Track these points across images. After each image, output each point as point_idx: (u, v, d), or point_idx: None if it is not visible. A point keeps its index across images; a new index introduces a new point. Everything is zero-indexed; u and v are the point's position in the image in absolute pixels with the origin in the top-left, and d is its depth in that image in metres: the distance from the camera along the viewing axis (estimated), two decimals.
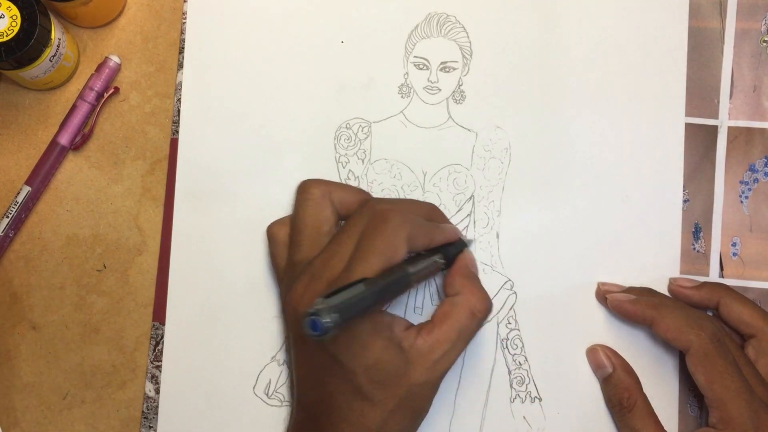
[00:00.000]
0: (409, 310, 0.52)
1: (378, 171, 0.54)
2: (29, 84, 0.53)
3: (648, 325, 0.50)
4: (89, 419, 0.52)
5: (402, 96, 0.54)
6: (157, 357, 0.53)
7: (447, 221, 0.51)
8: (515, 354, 0.53)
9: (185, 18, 0.55)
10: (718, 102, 0.55)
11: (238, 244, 0.53)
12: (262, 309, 0.53)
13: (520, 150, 0.54)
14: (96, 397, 0.53)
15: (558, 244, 0.53)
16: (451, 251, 0.49)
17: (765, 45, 0.55)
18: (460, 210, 0.54)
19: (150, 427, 0.52)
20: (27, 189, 0.53)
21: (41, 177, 0.53)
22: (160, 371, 0.52)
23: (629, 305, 0.50)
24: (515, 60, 0.55)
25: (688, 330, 0.48)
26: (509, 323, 0.53)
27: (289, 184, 0.53)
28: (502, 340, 0.53)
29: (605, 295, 0.52)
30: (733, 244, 0.54)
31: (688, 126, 0.55)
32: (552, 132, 0.54)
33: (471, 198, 0.54)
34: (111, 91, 0.54)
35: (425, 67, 0.55)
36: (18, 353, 0.53)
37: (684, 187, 0.54)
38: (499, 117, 0.54)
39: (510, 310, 0.53)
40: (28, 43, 0.48)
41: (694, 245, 0.54)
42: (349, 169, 0.54)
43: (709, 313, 0.52)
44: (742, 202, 0.54)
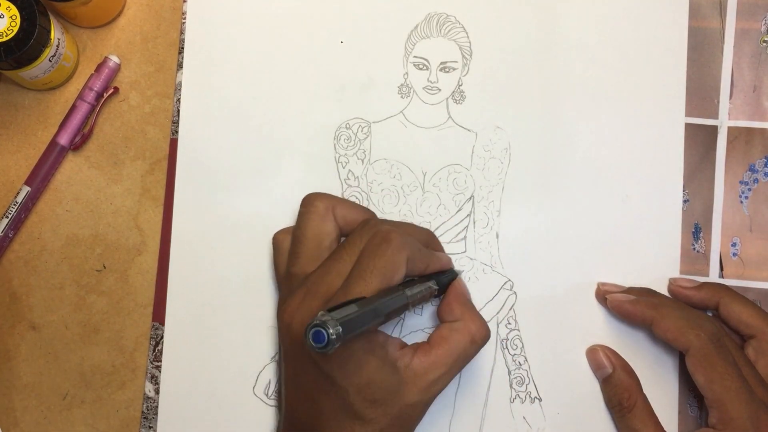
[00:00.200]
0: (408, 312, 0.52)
1: (378, 171, 0.54)
2: (29, 84, 0.53)
3: (648, 326, 0.50)
4: (89, 419, 0.52)
5: (402, 96, 0.54)
6: (157, 357, 0.53)
7: (442, 249, 0.51)
8: (515, 354, 0.53)
9: (185, 18, 0.55)
10: (718, 102, 0.55)
11: (237, 243, 0.53)
12: (261, 309, 0.53)
13: (520, 150, 0.54)
14: (96, 398, 0.53)
15: (558, 244, 0.53)
16: (444, 279, 0.49)
17: (765, 45, 0.55)
18: (460, 210, 0.54)
19: (150, 427, 0.52)
20: (27, 189, 0.53)
21: (41, 177, 0.53)
22: (160, 371, 0.52)
23: (629, 305, 0.50)
24: (515, 60, 0.55)
25: (687, 330, 0.48)
26: (509, 323, 0.53)
27: (289, 184, 0.53)
28: (502, 340, 0.53)
29: (605, 295, 0.52)
30: (733, 244, 0.54)
31: (688, 126, 0.55)
32: (552, 132, 0.54)
33: (471, 198, 0.54)
34: (111, 91, 0.54)
35: (425, 67, 0.54)
36: (18, 353, 0.53)
37: (684, 187, 0.54)
38: (499, 117, 0.54)
39: (510, 310, 0.53)
40: (27, 43, 0.48)
41: (694, 245, 0.54)
42: (349, 169, 0.54)
43: (709, 314, 0.52)
44: (742, 202, 0.54)
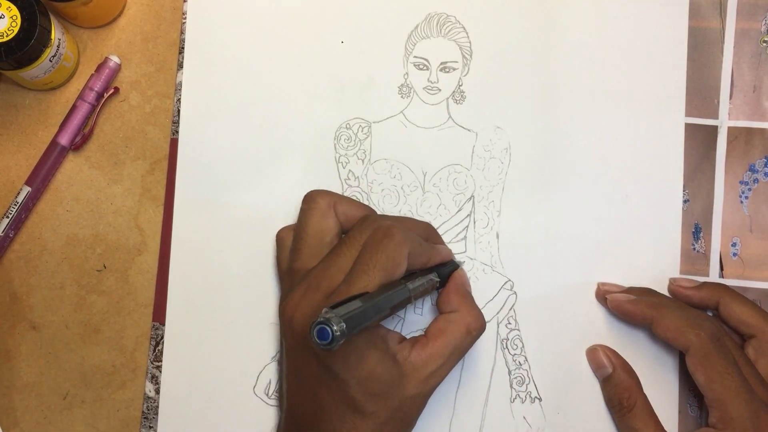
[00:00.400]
0: (409, 310, 0.52)
1: (378, 171, 0.54)
2: (29, 84, 0.53)
3: (648, 325, 0.50)
4: (89, 419, 0.52)
5: (402, 96, 0.54)
6: (157, 357, 0.53)
7: (442, 242, 0.52)
8: (515, 354, 0.53)
9: (185, 18, 0.55)
10: (718, 102, 0.55)
11: (237, 243, 0.53)
12: (262, 309, 0.53)
13: (520, 150, 0.54)
14: (96, 397, 0.53)
15: (558, 244, 0.53)
16: (445, 271, 0.49)
17: (765, 45, 0.55)
18: (460, 210, 0.54)
19: (150, 427, 0.52)
20: (27, 189, 0.53)
21: (41, 177, 0.53)
22: (160, 371, 0.52)
23: (629, 305, 0.50)
24: (515, 60, 0.55)
25: (687, 330, 0.48)
26: (509, 323, 0.53)
27: (289, 184, 0.53)
28: (502, 340, 0.53)
29: (605, 295, 0.52)
30: (733, 244, 0.54)
31: (688, 126, 0.55)
32: (552, 132, 0.54)
33: (471, 198, 0.54)
34: (111, 92, 0.54)
35: (425, 67, 0.54)
36: (18, 353, 0.53)
37: (684, 187, 0.54)
38: (499, 117, 0.54)
39: (510, 310, 0.53)
40: (28, 44, 0.48)
41: (694, 245, 0.54)
42: (349, 169, 0.54)
43: (709, 313, 0.52)
44: (742, 202, 0.54)
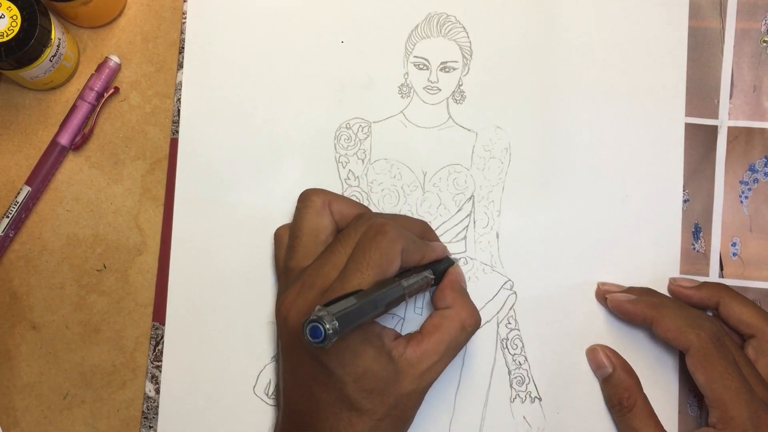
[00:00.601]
0: (409, 309, 0.52)
1: (378, 171, 0.54)
2: (29, 84, 0.53)
3: (648, 325, 0.50)
4: (89, 419, 0.52)
5: (402, 96, 0.54)
6: (157, 357, 0.53)
7: (437, 239, 0.52)
8: (515, 354, 0.53)
9: (185, 18, 0.55)
10: (718, 102, 0.55)
11: (237, 243, 0.53)
12: (262, 309, 0.53)
13: (520, 150, 0.54)
14: (96, 397, 0.53)
15: (558, 244, 0.53)
16: (440, 268, 0.49)
17: (765, 45, 0.55)
18: (460, 210, 0.54)
19: (150, 427, 0.52)
20: (27, 189, 0.53)
21: (41, 177, 0.53)
22: (160, 371, 0.52)
23: (629, 305, 0.50)
24: (515, 60, 0.55)
25: (688, 330, 0.48)
26: (509, 323, 0.53)
27: (289, 184, 0.53)
28: (502, 340, 0.53)
29: (605, 295, 0.52)
30: (733, 244, 0.54)
31: (688, 126, 0.55)
32: (552, 132, 0.54)
33: (471, 198, 0.54)
34: (111, 91, 0.54)
35: (425, 67, 0.54)
36: (18, 353, 0.53)
37: (684, 187, 0.54)
38: (499, 117, 0.54)
39: (510, 310, 0.53)
40: (28, 43, 0.48)
41: (694, 245, 0.54)
42: (349, 169, 0.54)
43: (709, 313, 0.52)
44: (742, 202, 0.54)
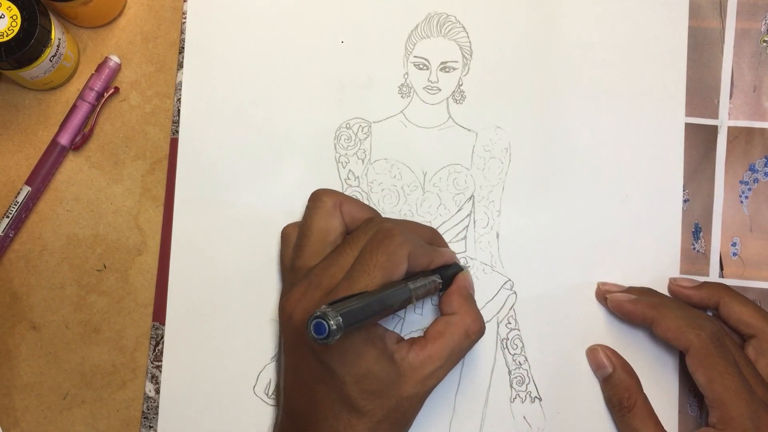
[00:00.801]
0: (409, 310, 0.52)
1: (378, 171, 0.54)
2: (29, 84, 0.53)
3: (648, 325, 0.50)
4: (89, 419, 0.52)
5: (402, 96, 0.54)
6: (157, 357, 0.53)
7: (446, 246, 0.51)
8: (515, 354, 0.53)
9: (185, 18, 0.55)
10: (718, 102, 0.55)
11: (237, 243, 0.53)
12: (262, 309, 0.53)
13: (520, 150, 0.54)
14: (96, 397, 0.53)
15: (558, 244, 0.53)
16: (448, 273, 0.49)
17: (765, 45, 0.55)
18: (460, 210, 0.54)
19: (150, 427, 0.52)
20: (27, 189, 0.53)
21: (41, 177, 0.53)
22: (160, 371, 0.52)
23: (629, 305, 0.50)
24: (515, 60, 0.55)
25: (688, 330, 0.48)
26: (509, 323, 0.53)
27: (289, 184, 0.53)
28: (502, 340, 0.53)
29: (605, 295, 0.52)
30: (733, 244, 0.54)
31: (688, 126, 0.55)
32: (552, 132, 0.54)
33: (471, 198, 0.54)
34: (111, 91, 0.54)
35: (425, 67, 0.54)
36: (18, 353, 0.53)
37: (684, 187, 0.54)
38: (499, 117, 0.54)
39: (510, 310, 0.53)
40: (28, 43, 0.48)
41: (694, 245, 0.54)
42: (349, 169, 0.54)
43: (709, 313, 0.52)
44: (742, 202, 0.54)
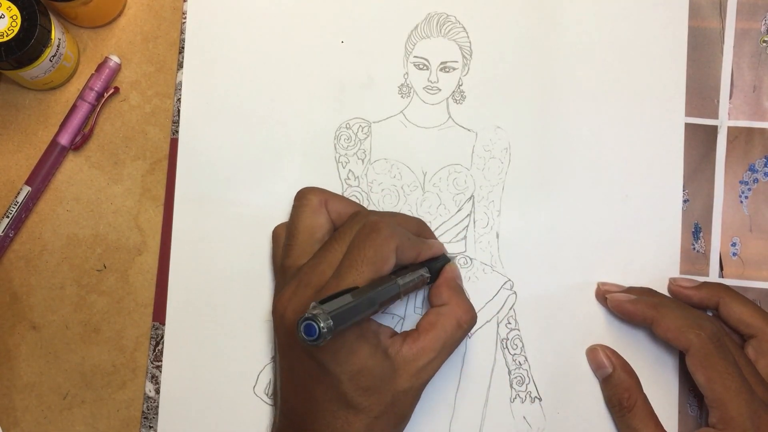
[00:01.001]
0: (409, 308, 0.52)
1: (378, 171, 0.54)
2: (29, 84, 0.53)
3: (648, 325, 0.50)
4: (89, 419, 0.52)
5: (402, 96, 0.54)
6: (157, 357, 0.53)
7: (434, 237, 0.52)
8: (515, 354, 0.53)
9: (185, 18, 0.55)
10: (718, 102, 0.55)
11: (237, 243, 0.53)
12: (262, 309, 0.53)
13: (520, 150, 0.54)
14: (96, 397, 0.53)
15: (558, 243, 0.53)
16: (436, 265, 0.49)
17: (765, 45, 0.55)
18: (460, 210, 0.54)
19: (150, 427, 0.52)
20: (27, 189, 0.53)
21: (41, 177, 0.53)
22: (160, 371, 0.52)
23: (629, 305, 0.50)
24: (515, 60, 0.55)
25: (688, 330, 0.48)
26: (509, 323, 0.53)
27: (289, 183, 0.53)
28: (502, 340, 0.53)
29: (605, 295, 0.52)
30: (733, 244, 0.54)
31: (688, 126, 0.55)
32: (552, 132, 0.54)
33: (471, 198, 0.54)
34: (111, 91, 0.54)
35: (425, 67, 0.55)
36: (18, 353, 0.53)
37: (684, 187, 0.54)
38: (499, 117, 0.54)
39: (510, 309, 0.53)
40: (28, 43, 0.48)
41: (694, 245, 0.54)
42: (349, 169, 0.54)
43: (709, 313, 0.52)
44: (742, 202, 0.54)
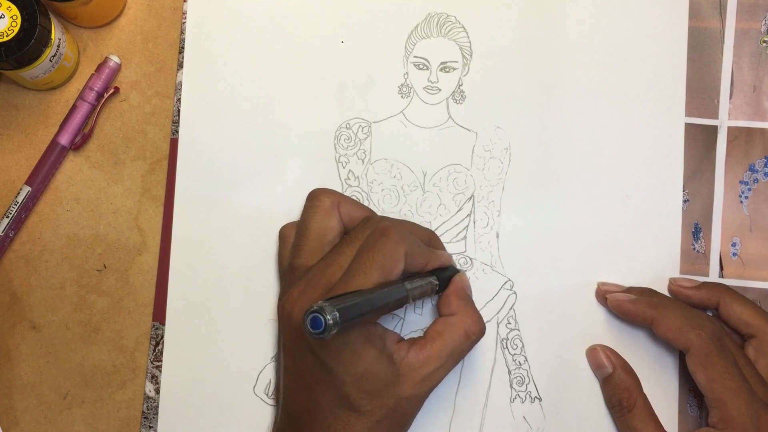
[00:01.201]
0: (409, 310, 0.52)
1: (378, 171, 0.54)
2: (29, 84, 0.53)
3: (648, 325, 0.50)
4: (89, 419, 0.52)
5: (402, 96, 0.54)
6: (157, 357, 0.53)
7: (443, 248, 0.51)
8: (515, 354, 0.53)
9: (185, 18, 0.55)
10: (718, 102, 0.55)
11: (237, 243, 0.53)
12: (262, 309, 0.53)
13: (520, 150, 0.54)
14: (96, 397, 0.53)
15: (558, 244, 0.53)
16: (445, 275, 0.49)
17: (765, 45, 0.55)
18: (460, 210, 0.54)
19: (150, 427, 0.52)
20: (27, 189, 0.53)
21: (41, 177, 0.53)
22: (160, 371, 0.52)
23: (629, 305, 0.50)
24: (515, 60, 0.55)
25: (688, 330, 0.48)
26: (509, 323, 0.53)
27: (289, 183, 0.53)
28: (502, 340, 0.53)
29: (605, 295, 0.52)
30: (733, 244, 0.54)
31: (688, 126, 0.55)
32: (552, 132, 0.54)
33: (471, 198, 0.54)
34: (111, 91, 0.54)
35: (425, 67, 0.55)
36: (18, 353, 0.53)
37: (684, 187, 0.54)
38: (499, 117, 0.54)
39: (510, 310, 0.53)
40: (28, 43, 0.48)
41: (694, 245, 0.54)
42: (349, 169, 0.54)
43: (709, 313, 0.52)
44: (742, 202, 0.54)
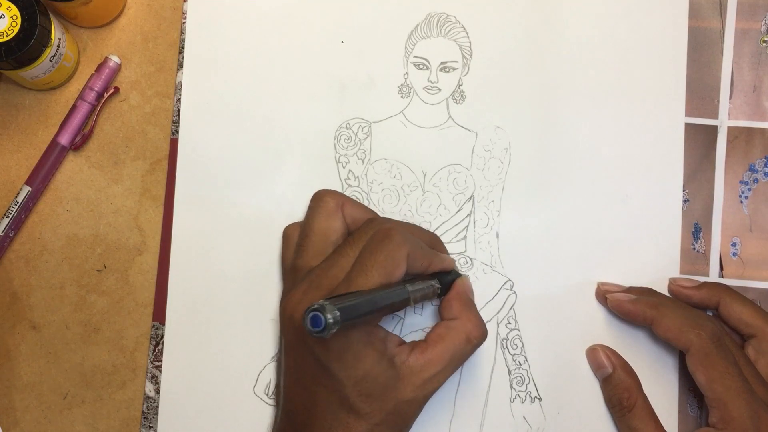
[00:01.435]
0: (409, 310, 0.52)
1: (378, 171, 0.54)
2: (29, 84, 0.53)
3: (648, 325, 0.50)
4: (89, 419, 0.52)
5: (402, 96, 0.54)
6: (157, 357, 0.53)
7: (446, 252, 0.51)
8: (515, 354, 0.53)
9: (185, 18, 0.55)
10: (718, 102, 0.55)
11: (237, 243, 0.53)
12: (262, 309, 0.53)
13: (520, 150, 0.54)
14: (96, 397, 0.53)
15: (558, 244, 0.53)
16: (448, 279, 0.49)
17: (765, 45, 0.55)
18: (460, 210, 0.54)
19: (150, 427, 0.52)
20: (27, 189, 0.53)
21: (41, 177, 0.53)
22: (160, 371, 0.52)
23: (629, 305, 0.50)
24: (515, 60, 0.55)
25: (688, 330, 0.48)
26: (509, 323, 0.53)
27: (289, 183, 0.53)
28: (502, 340, 0.53)
29: (605, 295, 0.52)
30: (733, 244, 0.54)
31: (688, 126, 0.55)
32: (552, 132, 0.54)
33: (471, 198, 0.54)
34: (111, 91, 0.54)
35: (425, 67, 0.55)
36: (18, 353, 0.53)
37: (684, 187, 0.54)
38: (499, 117, 0.54)
39: (510, 310, 0.53)
40: (28, 43, 0.48)
41: (694, 245, 0.54)
42: (349, 169, 0.54)
43: (709, 313, 0.52)
44: (742, 202, 0.54)
